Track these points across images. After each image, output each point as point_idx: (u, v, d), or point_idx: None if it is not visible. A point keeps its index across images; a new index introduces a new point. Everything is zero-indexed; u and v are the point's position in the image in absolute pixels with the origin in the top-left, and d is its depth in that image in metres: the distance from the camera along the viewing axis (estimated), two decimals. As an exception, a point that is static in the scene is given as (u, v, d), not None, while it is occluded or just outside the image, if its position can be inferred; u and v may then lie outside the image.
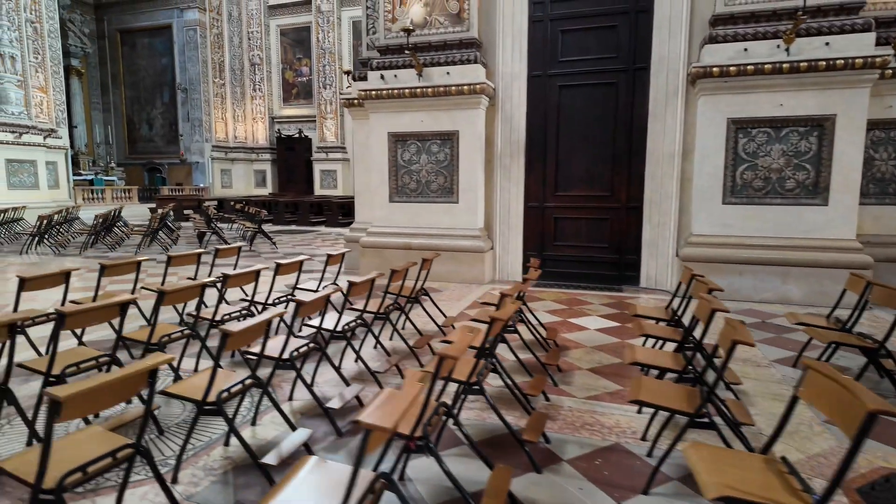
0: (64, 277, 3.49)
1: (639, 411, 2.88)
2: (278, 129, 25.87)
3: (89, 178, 21.28)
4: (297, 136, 25.45)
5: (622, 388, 3.26)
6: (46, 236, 9.91)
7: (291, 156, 25.76)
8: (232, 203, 14.33)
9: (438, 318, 4.80)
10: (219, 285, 3.72)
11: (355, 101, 7.62)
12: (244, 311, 3.96)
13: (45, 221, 9.73)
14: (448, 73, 6.57)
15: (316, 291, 4.55)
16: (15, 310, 3.26)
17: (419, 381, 2.08)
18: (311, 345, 3.01)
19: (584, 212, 6.64)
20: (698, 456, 1.67)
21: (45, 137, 16.88)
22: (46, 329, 3.44)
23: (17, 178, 16.07)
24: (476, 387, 2.46)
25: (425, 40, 6.66)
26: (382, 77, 6.88)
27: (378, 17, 6.99)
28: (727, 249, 5.74)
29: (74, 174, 19.63)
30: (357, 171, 7.92)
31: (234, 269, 4.55)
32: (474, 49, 6.57)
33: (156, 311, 3.08)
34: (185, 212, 15.38)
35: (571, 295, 6.09)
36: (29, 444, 2.51)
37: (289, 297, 4.72)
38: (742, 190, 5.72)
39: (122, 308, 2.66)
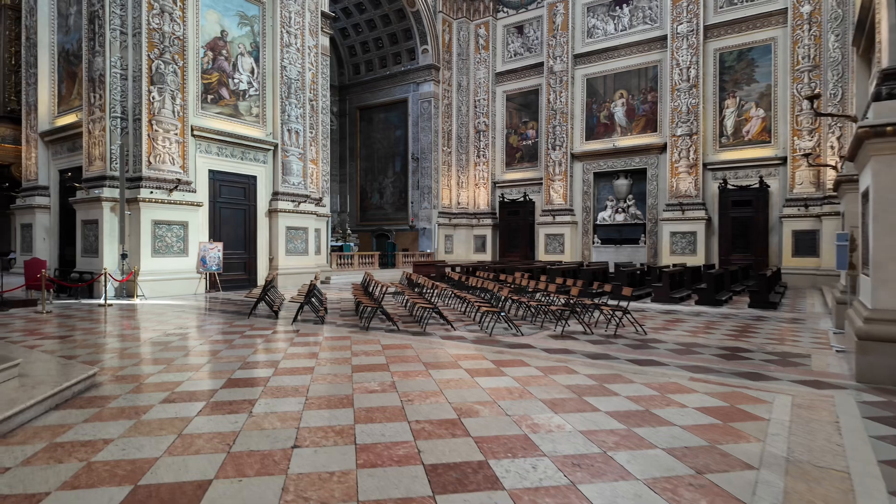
0: None
1: None
2: (501, 194, 24.99)
3: (338, 244, 21.98)
4: (521, 199, 24.25)
5: None
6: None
7: (514, 220, 24.54)
8: (544, 270, 12.59)
9: None
10: None
11: (888, 129, 5.09)
12: None
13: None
14: None
15: None
16: None
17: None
18: None
19: None
20: None
21: (315, 205, 17.47)
22: None
23: (292, 244, 16.56)
24: None
25: None
26: None
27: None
28: None
29: (325, 241, 20.35)
30: (878, 230, 5.26)
31: None
32: None
33: None
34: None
35: None
36: None
37: None
38: None
39: None
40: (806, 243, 17.54)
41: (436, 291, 11.40)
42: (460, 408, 4.12)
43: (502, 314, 7.78)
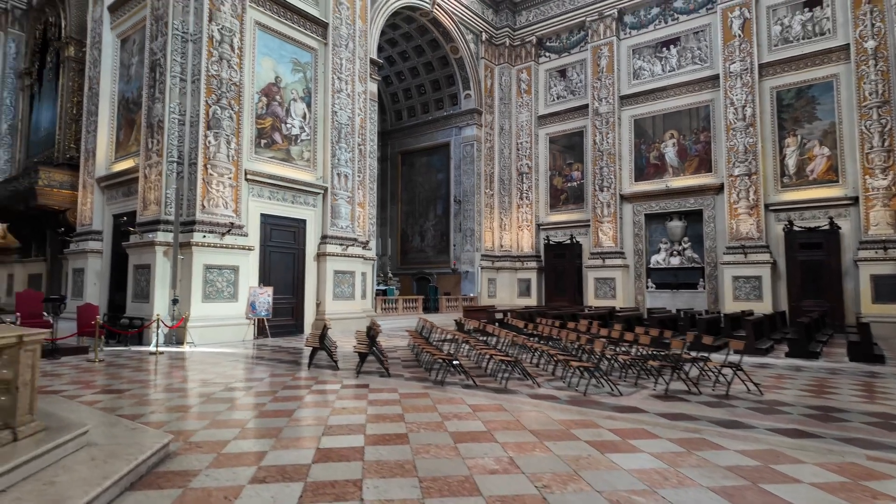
0: None
1: None
2: (546, 236, 24.32)
3: (382, 288, 21.50)
4: (567, 241, 23.51)
5: None
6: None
7: (560, 263, 23.75)
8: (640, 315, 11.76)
9: None
10: None
11: None
12: None
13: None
14: None
15: None
16: None
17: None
18: None
19: None
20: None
21: (362, 249, 17.10)
22: None
23: (339, 288, 16.10)
24: None
25: None
26: None
27: None
28: None
29: (368, 285, 19.86)
30: None
31: None
32: None
33: None
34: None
35: None
36: None
37: None
38: None
39: None
40: (888, 289, 16.19)
41: (500, 340, 10.63)
42: (616, 500, 3.33)
43: (597, 372, 6.96)
